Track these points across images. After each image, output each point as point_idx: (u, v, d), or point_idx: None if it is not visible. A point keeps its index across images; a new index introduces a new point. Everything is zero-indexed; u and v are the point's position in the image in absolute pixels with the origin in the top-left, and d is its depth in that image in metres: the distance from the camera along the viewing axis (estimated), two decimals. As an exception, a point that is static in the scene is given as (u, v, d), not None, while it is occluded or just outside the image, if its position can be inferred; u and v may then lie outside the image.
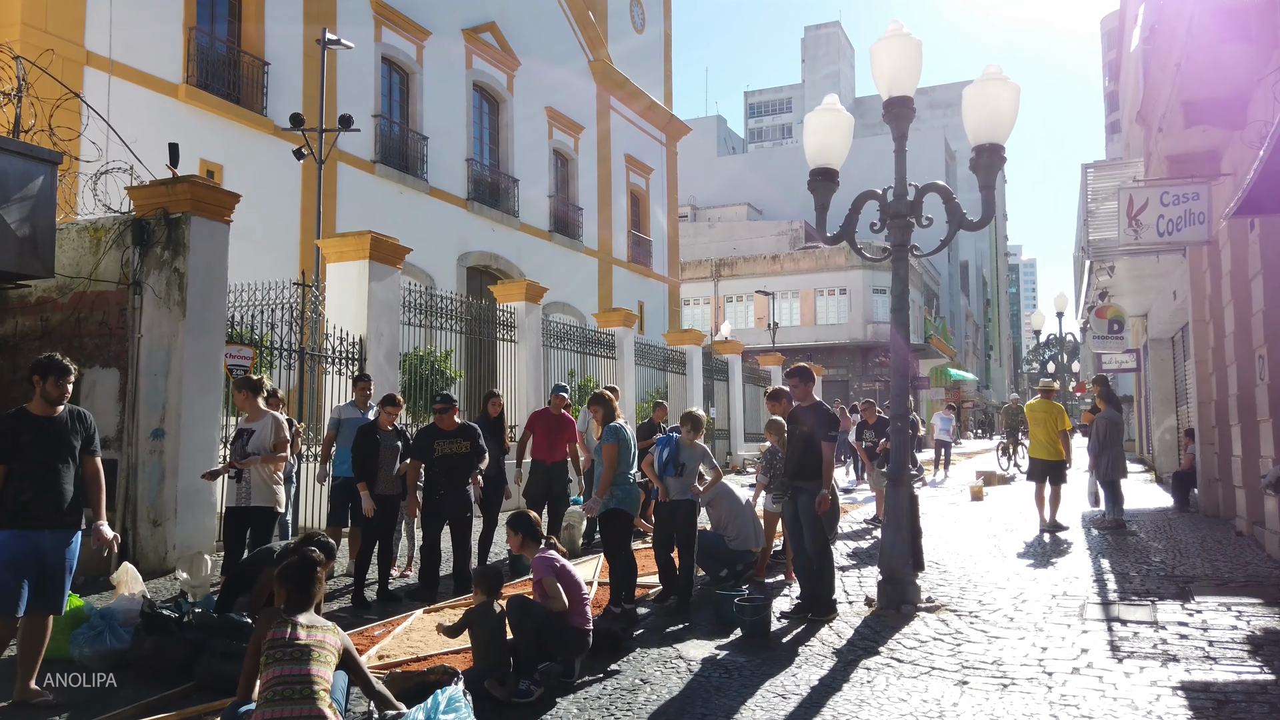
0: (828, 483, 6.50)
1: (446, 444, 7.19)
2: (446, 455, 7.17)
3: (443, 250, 21.61)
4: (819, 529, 6.54)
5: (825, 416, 6.62)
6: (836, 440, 6.61)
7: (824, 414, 6.65)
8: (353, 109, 19.30)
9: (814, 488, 6.49)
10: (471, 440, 7.30)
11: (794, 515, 6.71)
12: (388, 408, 7.37)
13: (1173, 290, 13.62)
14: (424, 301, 12.27)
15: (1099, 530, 10.78)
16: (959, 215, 6.95)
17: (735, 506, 7.59)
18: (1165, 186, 9.42)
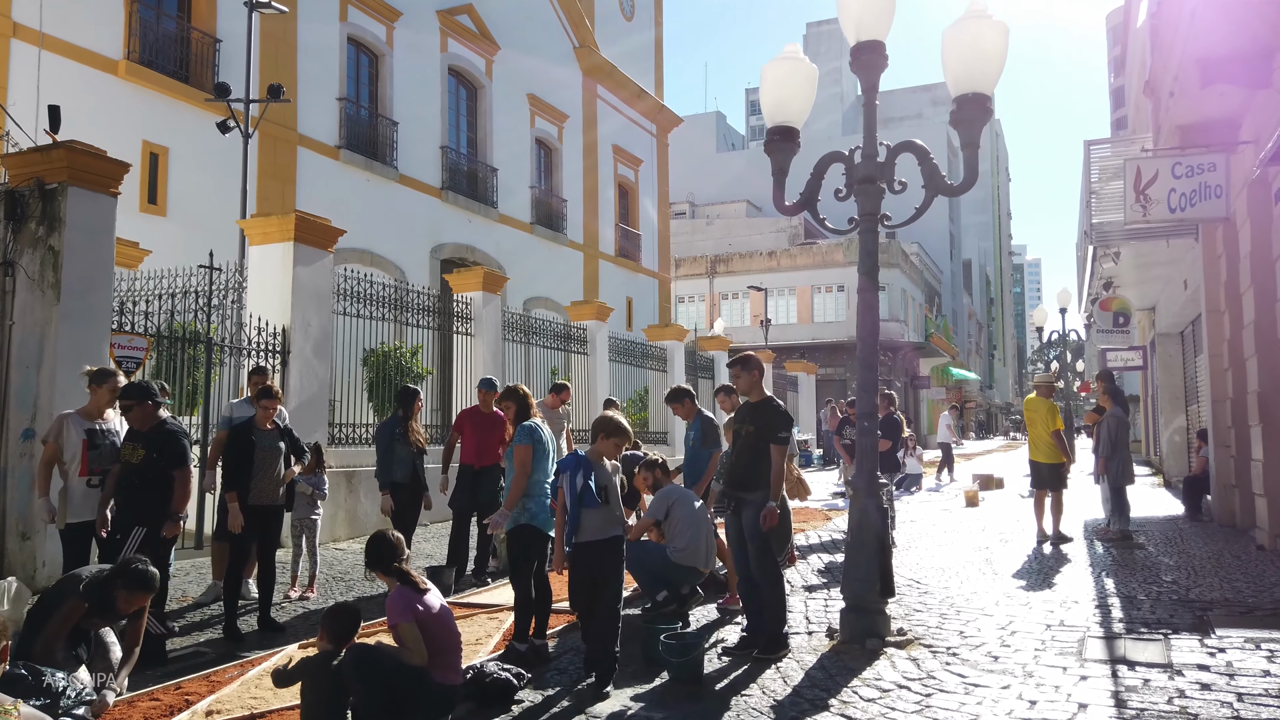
0: (776, 493, 5.47)
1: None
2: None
3: (414, 241, 20.60)
4: (765, 550, 5.50)
5: (774, 414, 5.59)
6: (788, 442, 5.57)
7: (773, 411, 5.62)
8: (316, 92, 18.35)
9: (760, 500, 5.45)
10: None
11: (738, 532, 5.68)
12: (264, 401, 6.32)
13: (1183, 279, 12.55)
14: (363, 290, 11.23)
15: (1103, 543, 9.73)
16: (937, 179, 5.91)
17: (689, 514, 6.53)
18: (1177, 157, 8.37)
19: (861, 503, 5.83)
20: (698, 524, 6.47)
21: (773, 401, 5.72)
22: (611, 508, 5.01)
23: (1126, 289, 14.54)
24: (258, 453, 6.29)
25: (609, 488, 4.99)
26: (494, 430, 7.70)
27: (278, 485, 6.35)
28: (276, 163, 17.38)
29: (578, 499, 4.87)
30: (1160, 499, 14.49)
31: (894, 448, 9.99)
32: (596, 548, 4.93)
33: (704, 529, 6.49)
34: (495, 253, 23.54)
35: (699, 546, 6.40)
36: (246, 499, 6.16)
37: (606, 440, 5.10)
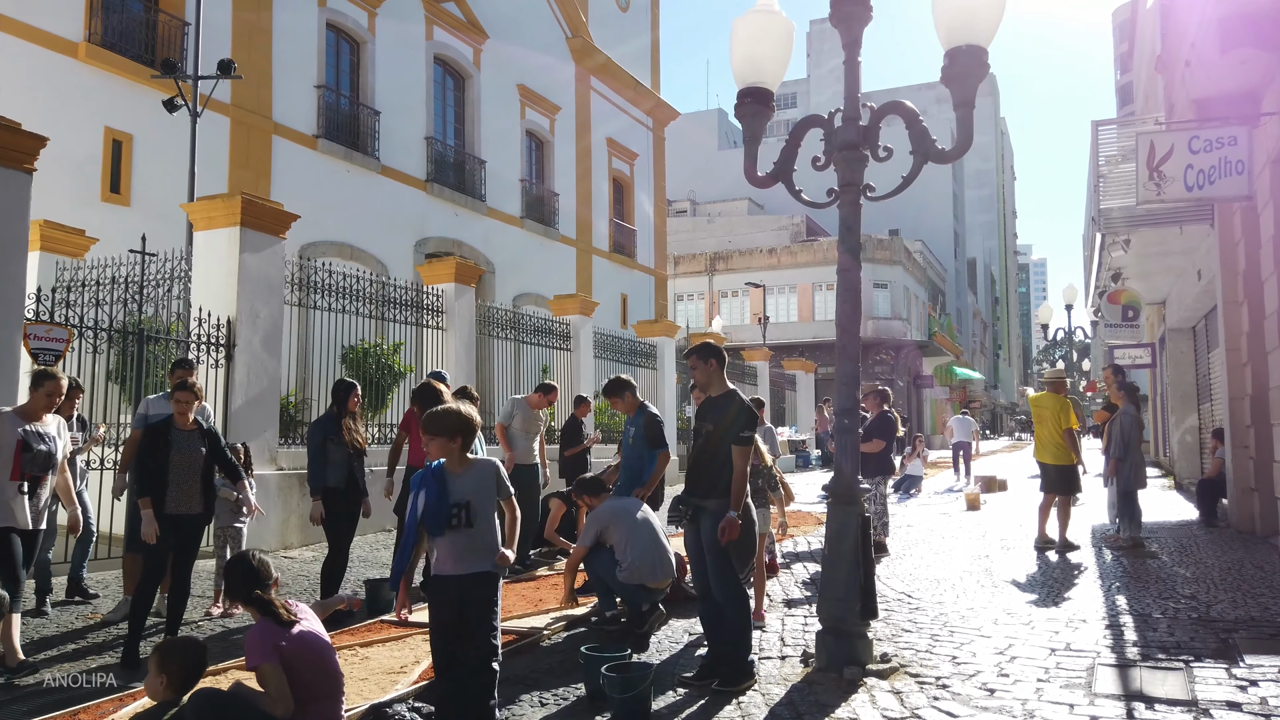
0: (737, 501, 4.78)
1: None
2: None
3: (397, 235, 19.91)
4: (726, 566, 4.81)
5: (736, 410, 4.90)
6: (750, 442, 4.89)
7: (734, 407, 4.92)
8: (293, 79, 17.68)
9: (720, 508, 4.76)
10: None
11: (696, 545, 4.98)
12: (178, 395, 5.64)
13: (1196, 269, 11.83)
14: (320, 279, 10.55)
15: (1112, 551, 9.01)
16: (926, 144, 5.22)
17: (630, 528, 5.85)
18: (1195, 130, 7.65)
19: (840, 511, 5.13)
20: (643, 536, 5.77)
21: (735, 396, 5.02)
22: (476, 532, 3.76)
23: (1136, 282, 13.82)
24: (174, 454, 5.62)
25: (470, 505, 3.77)
26: None
27: (198, 492, 5.68)
28: (249, 152, 16.72)
29: (417, 523, 3.82)
30: (1172, 502, 13.77)
31: (887, 449, 9.27)
32: (453, 584, 3.79)
33: (650, 540, 5.78)
34: (483, 247, 22.87)
35: (647, 562, 5.70)
36: (162, 506, 5.50)
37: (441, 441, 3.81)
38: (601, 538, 5.89)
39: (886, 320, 41.72)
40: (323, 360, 12.25)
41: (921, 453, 17.08)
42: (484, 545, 3.79)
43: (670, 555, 5.95)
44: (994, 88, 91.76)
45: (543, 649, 5.62)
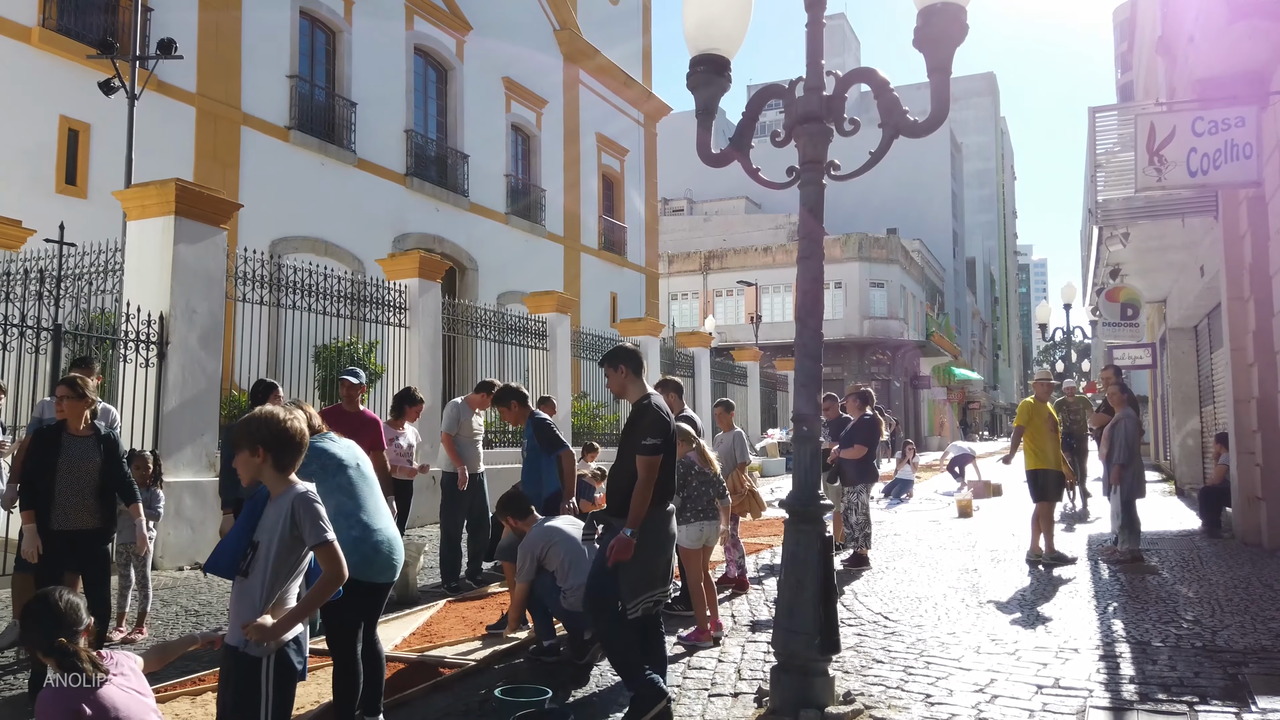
0: (634, 519, 4.23)
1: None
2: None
3: (375, 230, 19.28)
4: (603, 592, 4.29)
5: (640, 417, 4.39)
6: (655, 452, 4.31)
7: (639, 414, 4.42)
8: (264, 68, 17.09)
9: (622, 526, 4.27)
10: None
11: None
12: (60, 391, 5.04)
13: (1199, 265, 11.22)
14: (268, 273, 9.95)
15: (1109, 565, 8.40)
16: (896, 115, 4.60)
17: (571, 550, 5.26)
18: (1199, 111, 7.05)
19: (797, 531, 4.53)
20: (586, 559, 5.17)
21: (645, 402, 4.45)
22: (248, 586, 2.85)
23: (1135, 279, 13.22)
24: (62, 461, 5.01)
25: (258, 547, 2.91)
26: (363, 432, 6.40)
27: (93, 505, 5.07)
28: (216, 143, 16.13)
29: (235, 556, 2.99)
30: (1172, 510, 13.16)
31: (870, 454, 8.67)
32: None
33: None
34: (466, 243, 22.29)
35: None
36: (48, 521, 4.90)
37: (243, 456, 2.95)
38: (542, 564, 5.28)
39: (883, 320, 41.12)
40: (294, 360, 11.70)
41: (912, 458, 16.47)
42: (248, 607, 2.83)
43: None
44: (994, 87, 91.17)
45: (473, 682, 5.02)
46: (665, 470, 4.41)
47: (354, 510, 3.92)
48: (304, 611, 2.83)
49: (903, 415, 42.64)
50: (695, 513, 6.12)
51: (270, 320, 12.30)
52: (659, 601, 4.45)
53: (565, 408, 15.32)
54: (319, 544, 2.84)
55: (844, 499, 8.75)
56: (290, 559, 2.86)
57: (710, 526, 6.14)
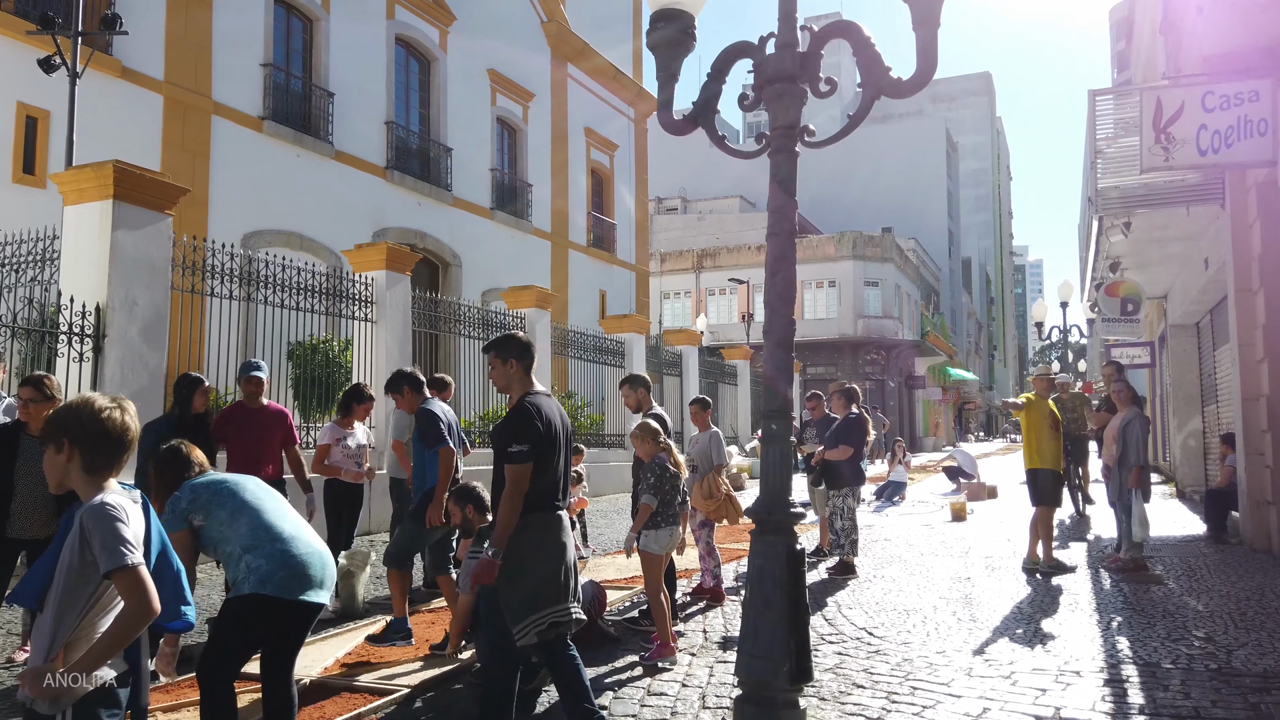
0: (499, 537, 3.77)
1: None
2: None
3: (353, 225, 18.69)
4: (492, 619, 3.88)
5: (508, 420, 3.93)
6: (523, 459, 3.79)
7: (509, 416, 3.95)
8: (236, 55, 16.51)
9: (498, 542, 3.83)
10: None
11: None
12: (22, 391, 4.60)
13: (1203, 257, 10.72)
14: (221, 264, 9.39)
15: (1112, 575, 7.88)
16: (877, 73, 4.08)
17: None
18: (1210, 85, 6.54)
19: (764, 544, 4.00)
20: None
21: (521, 403, 3.95)
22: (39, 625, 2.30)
23: (1136, 273, 12.72)
24: (20, 464, 4.58)
25: None
26: (268, 431, 5.88)
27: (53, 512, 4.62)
28: (185, 133, 15.56)
29: None
30: (1175, 513, 12.65)
31: (857, 455, 8.14)
32: None
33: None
34: (449, 239, 21.74)
35: None
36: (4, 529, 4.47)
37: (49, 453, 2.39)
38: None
39: (878, 319, 40.62)
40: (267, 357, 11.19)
41: (904, 458, 15.96)
42: (37, 648, 2.29)
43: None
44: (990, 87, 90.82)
45: (402, 712, 4.49)
46: (546, 477, 3.91)
47: (268, 522, 3.47)
48: (97, 658, 2.21)
49: (897, 416, 42.16)
50: (667, 517, 5.61)
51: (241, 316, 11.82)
52: (559, 624, 3.92)
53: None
54: (115, 569, 2.21)
55: (829, 503, 8.23)
56: (83, 589, 2.28)
57: (677, 533, 5.65)
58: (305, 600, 3.37)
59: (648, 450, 5.73)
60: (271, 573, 3.35)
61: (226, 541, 3.40)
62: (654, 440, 5.74)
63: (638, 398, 6.63)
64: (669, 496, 5.63)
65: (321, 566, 3.46)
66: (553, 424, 3.97)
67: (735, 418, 24.17)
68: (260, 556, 3.37)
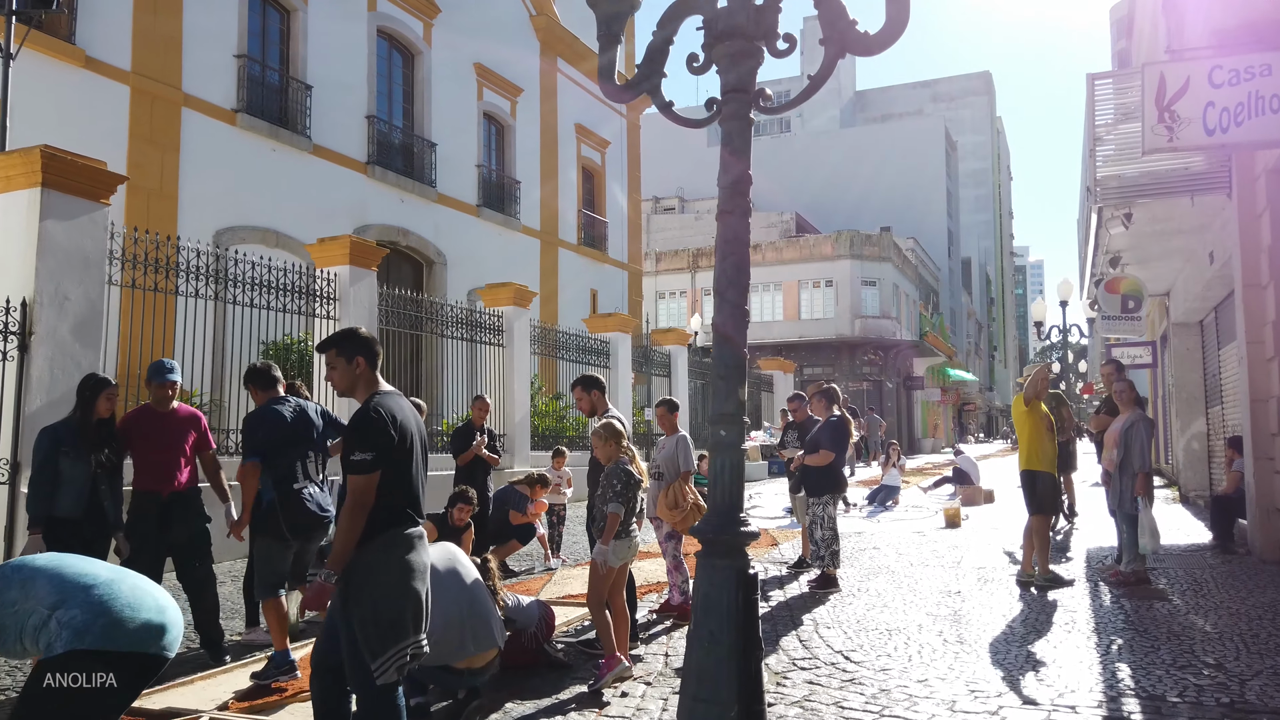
0: (337, 558, 3.30)
1: None
2: None
3: (332, 221, 18.12)
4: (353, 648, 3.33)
5: (354, 424, 3.45)
6: (366, 469, 3.30)
7: (354, 420, 3.47)
8: (208, 46, 15.99)
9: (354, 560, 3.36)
10: None
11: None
12: None
13: (1208, 251, 10.20)
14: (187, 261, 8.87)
15: (1112, 589, 7.35)
16: (843, 27, 3.57)
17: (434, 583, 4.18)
18: (1217, 58, 6.02)
19: (711, 569, 3.47)
20: (446, 598, 4.11)
21: (368, 406, 3.45)
22: None
23: (1137, 269, 12.19)
24: None
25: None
26: (180, 436, 5.34)
27: None
28: (154, 125, 15.05)
29: None
30: (1178, 519, 12.12)
31: (839, 460, 7.61)
32: None
33: (458, 603, 4.11)
34: (433, 236, 21.22)
35: (452, 633, 4.03)
36: None
37: None
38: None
39: (876, 319, 40.09)
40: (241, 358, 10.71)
41: (898, 461, 15.42)
42: None
43: (493, 619, 4.26)
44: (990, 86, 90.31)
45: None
46: (399, 490, 3.42)
47: (75, 572, 2.87)
48: None
49: (895, 417, 41.64)
50: (626, 527, 5.11)
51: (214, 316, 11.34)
52: (416, 656, 3.41)
53: (524, 408, 14.24)
54: None
55: (808, 511, 7.70)
56: None
57: (635, 543, 5.16)
58: (141, 653, 2.79)
59: (610, 453, 5.21)
60: (89, 623, 2.73)
61: (30, 614, 2.75)
62: (617, 443, 5.24)
63: (591, 400, 6.12)
64: (632, 505, 5.13)
65: (159, 611, 2.88)
66: (407, 430, 3.47)
67: (727, 419, 23.62)
68: (74, 607, 2.76)
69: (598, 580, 4.92)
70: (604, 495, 5.00)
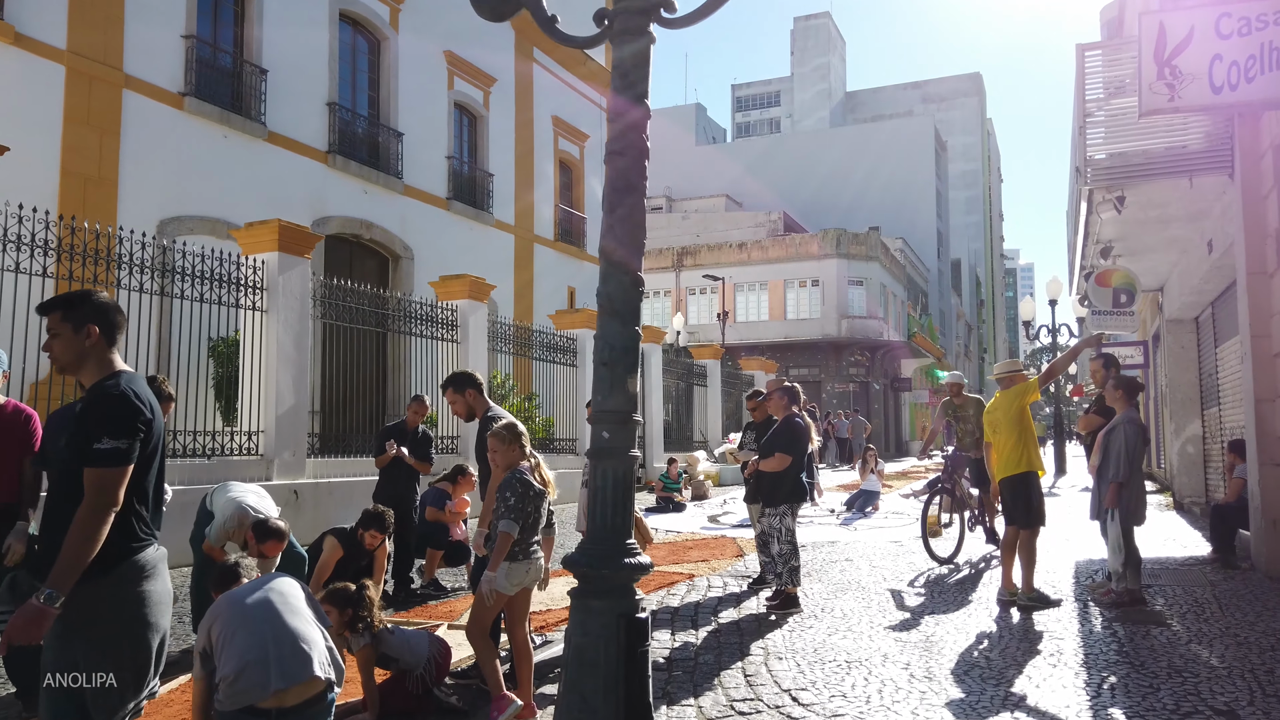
0: (61, 575, 2.55)
1: None
2: None
3: (288, 212, 17.00)
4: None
5: (103, 407, 2.70)
6: (122, 461, 2.58)
7: (101, 402, 2.72)
8: (153, 25, 15.09)
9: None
10: None
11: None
12: None
13: (1206, 240, 9.45)
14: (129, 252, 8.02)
15: (1103, 612, 6.57)
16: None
17: (231, 620, 3.32)
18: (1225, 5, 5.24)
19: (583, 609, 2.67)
20: (250, 628, 3.27)
21: (116, 383, 2.71)
22: None
23: (1129, 261, 11.44)
24: None
25: None
26: (8, 441, 4.49)
27: None
28: (91, 107, 14.16)
29: None
30: (1173, 528, 11.36)
31: (796, 466, 6.79)
32: None
33: (261, 632, 3.27)
34: (400, 230, 20.36)
35: (258, 668, 3.17)
36: None
37: None
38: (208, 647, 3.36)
39: (862, 319, 39.36)
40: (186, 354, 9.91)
41: (876, 466, 14.65)
42: None
43: (311, 648, 3.40)
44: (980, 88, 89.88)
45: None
46: (138, 493, 2.68)
47: None
48: None
49: (882, 419, 40.92)
50: (525, 548, 4.29)
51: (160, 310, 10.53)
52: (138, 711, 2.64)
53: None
54: None
55: (761, 521, 6.89)
56: None
57: (537, 567, 4.34)
58: None
59: (510, 459, 4.41)
60: None
61: None
62: (519, 446, 4.44)
63: (467, 402, 5.29)
64: (531, 521, 4.31)
65: None
66: (157, 423, 2.69)
67: (705, 420, 22.86)
68: None
69: (482, 608, 4.12)
70: (496, 510, 4.19)
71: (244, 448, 9.45)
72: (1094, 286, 11.02)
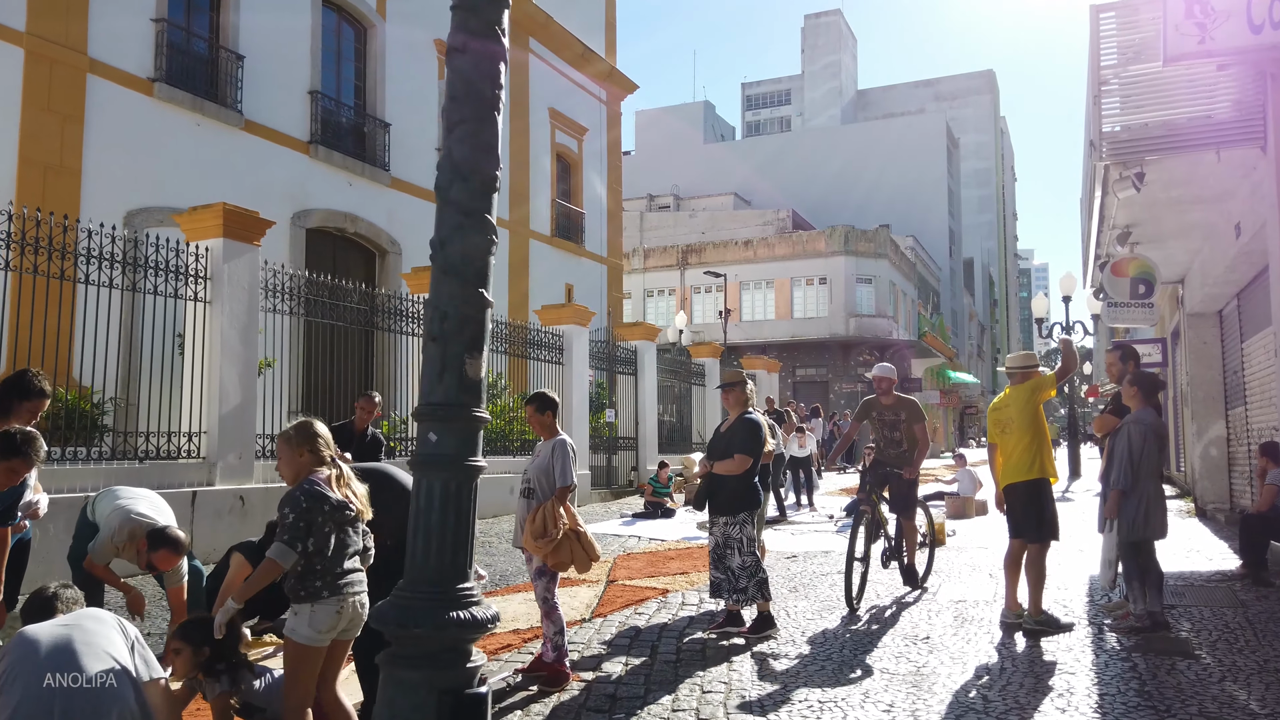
0: None
1: None
2: None
3: (267, 204, 16.22)
4: None
5: None
6: None
7: None
8: (120, 9, 14.43)
9: None
10: None
11: None
12: None
13: (1234, 224, 8.62)
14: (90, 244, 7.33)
15: (1120, 638, 5.76)
16: None
17: (25, 660, 2.59)
18: (1266, -70, 4.43)
19: (393, 681, 1.91)
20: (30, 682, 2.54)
21: None
22: None
23: (1148, 248, 10.60)
24: None
25: None
26: None
27: None
28: (53, 92, 13.51)
29: None
30: (1196, 537, 10.51)
31: (753, 471, 5.97)
32: None
33: (40, 692, 2.54)
34: (386, 224, 19.66)
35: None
36: None
37: None
38: None
39: (871, 318, 38.49)
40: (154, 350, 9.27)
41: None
42: None
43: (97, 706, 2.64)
44: (993, 85, 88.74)
45: None
46: None
47: None
48: None
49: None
50: (331, 583, 3.39)
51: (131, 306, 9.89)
52: None
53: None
54: None
55: (715, 532, 6.09)
56: None
57: (353, 607, 3.43)
58: None
59: (294, 468, 3.56)
60: None
61: None
62: (311, 451, 3.57)
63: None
64: (335, 549, 3.42)
65: None
66: None
67: (704, 422, 22.06)
68: None
69: (306, 666, 3.26)
70: (278, 532, 3.32)
71: (183, 450, 8.74)
72: (1109, 277, 10.19)
